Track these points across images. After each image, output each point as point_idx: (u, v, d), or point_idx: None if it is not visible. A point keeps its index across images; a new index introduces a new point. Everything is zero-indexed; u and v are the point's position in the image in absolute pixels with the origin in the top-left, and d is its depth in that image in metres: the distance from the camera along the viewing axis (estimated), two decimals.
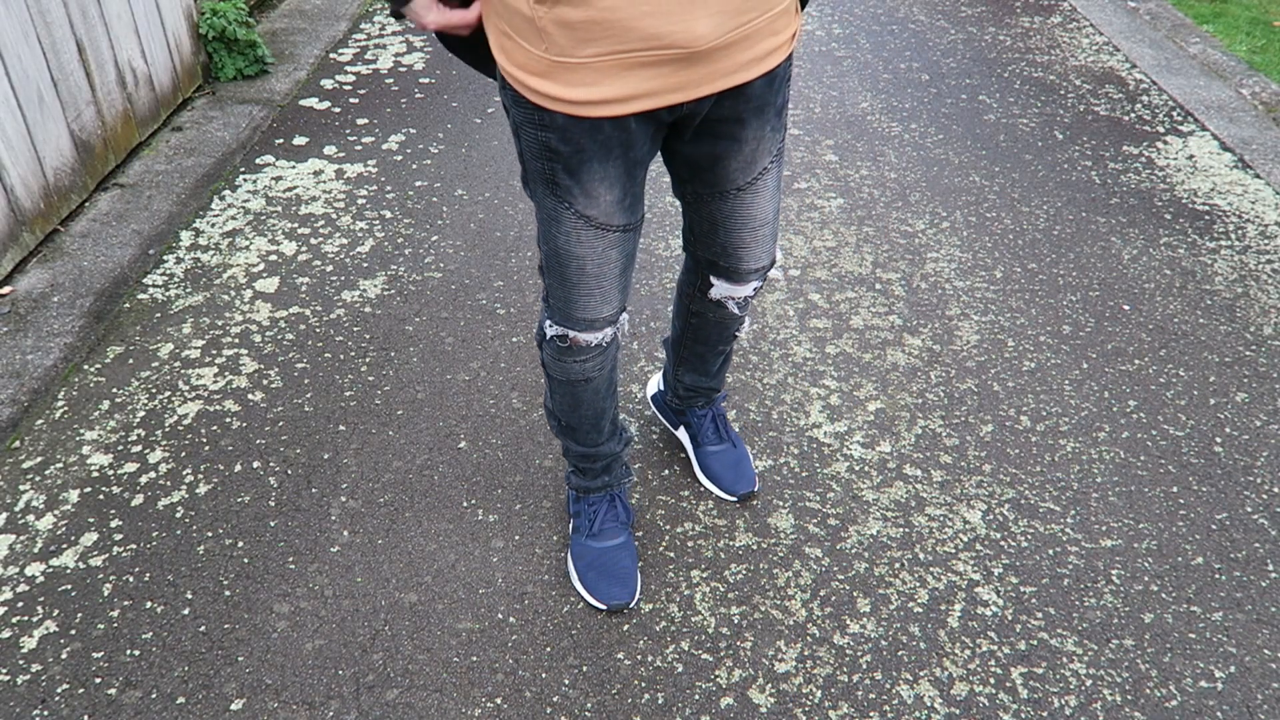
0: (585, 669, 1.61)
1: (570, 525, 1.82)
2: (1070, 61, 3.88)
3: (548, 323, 1.53)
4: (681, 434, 1.99)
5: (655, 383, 2.07)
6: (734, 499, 1.91)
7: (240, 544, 1.81)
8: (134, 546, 1.80)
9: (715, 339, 1.76)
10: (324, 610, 1.69)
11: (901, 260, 2.66)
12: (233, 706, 1.54)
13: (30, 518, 1.85)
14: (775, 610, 1.71)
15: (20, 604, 1.70)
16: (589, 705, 1.56)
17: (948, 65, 3.83)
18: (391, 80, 3.62)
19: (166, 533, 1.83)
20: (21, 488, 1.92)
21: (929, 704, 1.57)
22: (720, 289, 1.62)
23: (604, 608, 1.70)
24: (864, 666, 1.63)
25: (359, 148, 3.16)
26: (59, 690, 1.56)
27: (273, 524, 1.85)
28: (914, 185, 3.01)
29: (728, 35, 1.20)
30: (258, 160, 3.07)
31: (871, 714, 1.56)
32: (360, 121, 3.32)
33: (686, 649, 1.65)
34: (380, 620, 1.68)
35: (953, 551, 1.83)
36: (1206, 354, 2.33)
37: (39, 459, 1.98)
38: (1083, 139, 3.29)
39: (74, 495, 1.90)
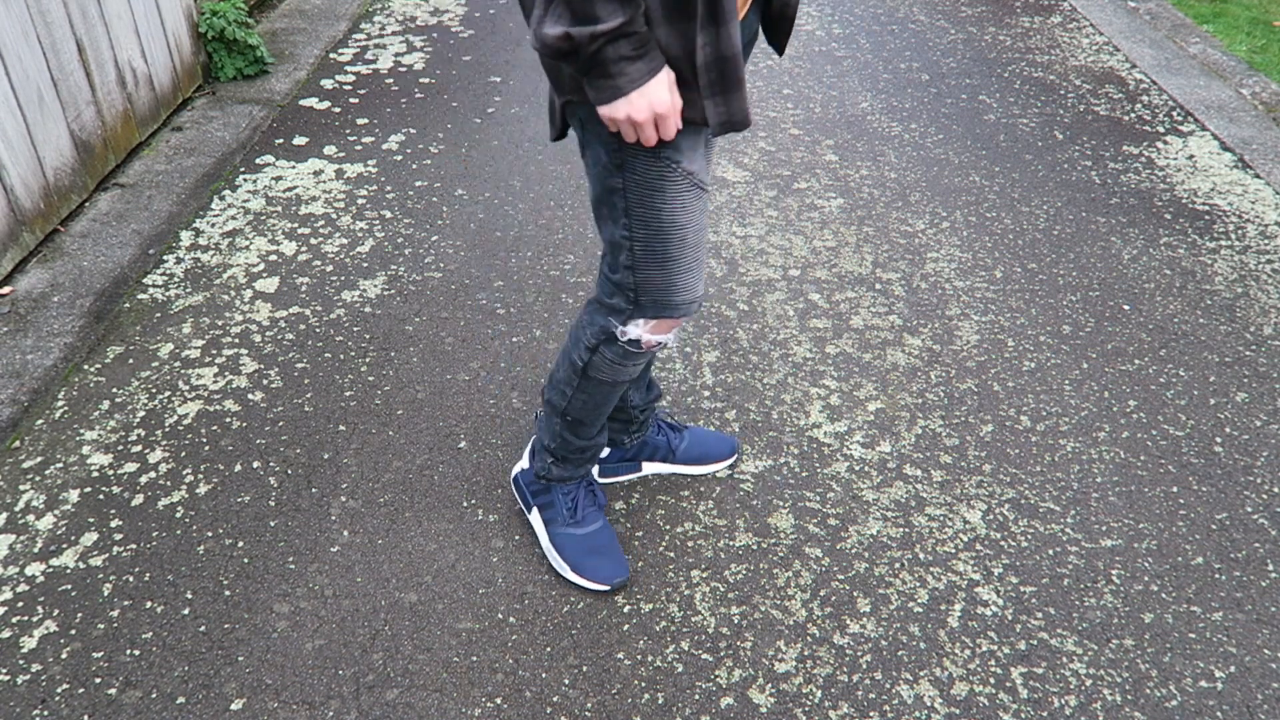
0: (585, 669, 1.61)
1: (538, 518, 1.80)
2: (1070, 61, 3.88)
3: (638, 322, 1.48)
4: (650, 466, 1.94)
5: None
6: (731, 461, 1.96)
7: (240, 544, 1.81)
8: (134, 546, 1.80)
9: None
10: (324, 610, 1.69)
11: (901, 260, 2.66)
12: (233, 706, 1.54)
13: (30, 518, 1.85)
14: (775, 610, 1.71)
15: (20, 604, 1.70)
16: (589, 705, 1.56)
17: (948, 65, 3.83)
18: (391, 80, 3.62)
19: (166, 533, 1.83)
20: (21, 488, 1.92)
21: (929, 704, 1.57)
22: None
23: (607, 588, 1.70)
24: (864, 666, 1.63)
25: (359, 148, 3.16)
26: (59, 690, 1.56)
27: (273, 524, 1.85)
28: (914, 185, 3.01)
29: None
30: (258, 160, 3.07)
31: (871, 714, 1.55)
32: (360, 121, 3.32)
33: (686, 649, 1.65)
34: (380, 620, 1.68)
35: (953, 551, 1.83)
36: (1206, 354, 2.33)
37: (39, 459, 1.98)
38: (1083, 139, 3.29)
39: (74, 495, 1.90)
